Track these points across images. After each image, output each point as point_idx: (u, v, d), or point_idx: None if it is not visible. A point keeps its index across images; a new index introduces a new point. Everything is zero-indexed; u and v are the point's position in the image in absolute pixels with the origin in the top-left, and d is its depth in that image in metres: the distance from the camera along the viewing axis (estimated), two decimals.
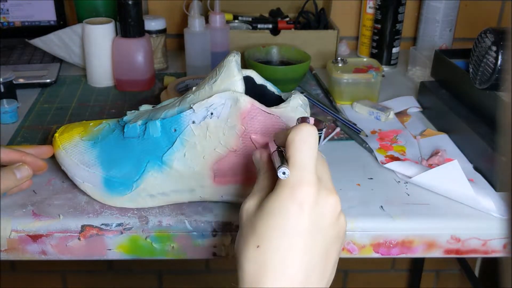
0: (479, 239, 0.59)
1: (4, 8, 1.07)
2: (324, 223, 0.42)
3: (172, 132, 0.56)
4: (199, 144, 0.55)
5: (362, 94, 0.88)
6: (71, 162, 0.60)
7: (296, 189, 0.41)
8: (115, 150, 0.59)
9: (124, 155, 0.58)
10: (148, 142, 0.57)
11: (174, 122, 0.56)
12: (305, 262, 0.41)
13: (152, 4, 1.13)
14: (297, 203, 0.41)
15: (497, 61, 0.65)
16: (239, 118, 0.53)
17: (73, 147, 0.61)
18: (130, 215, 0.58)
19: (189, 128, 0.55)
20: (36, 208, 0.59)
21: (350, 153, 0.73)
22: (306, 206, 0.41)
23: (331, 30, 1.04)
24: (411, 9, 1.14)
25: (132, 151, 0.58)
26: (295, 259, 0.40)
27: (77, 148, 0.61)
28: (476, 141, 0.69)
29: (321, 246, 0.42)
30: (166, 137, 0.56)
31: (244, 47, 1.00)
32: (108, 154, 0.59)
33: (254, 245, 0.41)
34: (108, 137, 0.60)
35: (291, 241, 0.40)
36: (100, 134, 0.61)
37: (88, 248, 0.58)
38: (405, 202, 0.62)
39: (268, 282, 0.40)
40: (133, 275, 1.44)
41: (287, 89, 0.93)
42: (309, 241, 0.41)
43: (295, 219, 0.41)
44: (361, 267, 1.46)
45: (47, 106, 0.86)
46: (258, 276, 0.40)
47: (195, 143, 0.55)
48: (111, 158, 0.59)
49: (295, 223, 0.41)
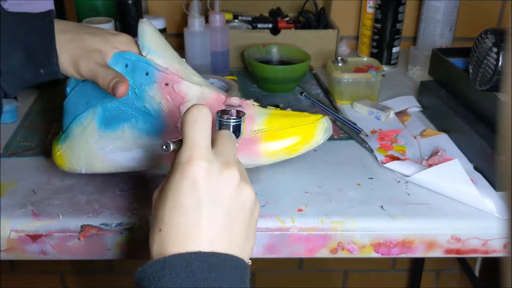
0: (479, 239, 0.59)
1: (4, 7, 1.07)
2: (222, 196, 0.42)
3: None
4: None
5: (362, 93, 0.88)
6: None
7: (186, 166, 0.41)
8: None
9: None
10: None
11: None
12: (207, 238, 0.40)
13: (152, 3, 1.13)
14: (189, 180, 0.41)
15: (498, 62, 0.65)
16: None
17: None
18: (130, 215, 0.58)
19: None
20: (35, 208, 0.59)
21: (350, 153, 0.73)
22: (199, 181, 0.41)
23: (331, 30, 1.04)
24: (411, 9, 1.14)
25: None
26: (196, 236, 0.40)
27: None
28: (476, 141, 0.69)
29: (223, 219, 0.41)
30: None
31: (244, 46, 1.00)
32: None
33: (157, 229, 0.41)
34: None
35: (189, 219, 0.40)
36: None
37: (88, 248, 0.58)
38: (405, 202, 0.62)
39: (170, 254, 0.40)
40: (133, 275, 1.44)
41: (287, 88, 0.93)
42: (207, 215, 0.41)
43: (189, 196, 0.41)
44: (361, 267, 1.46)
45: (47, 106, 0.85)
46: (161, 253, 0.40)
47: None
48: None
49: (190, 199, 0.41)
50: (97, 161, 0.62)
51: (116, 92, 0.56)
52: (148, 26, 0.61)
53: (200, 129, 0.43)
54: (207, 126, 0.44)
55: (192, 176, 0.41)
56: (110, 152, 0.61)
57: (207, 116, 0.44)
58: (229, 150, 0.45)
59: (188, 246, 0.40)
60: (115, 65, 0.59)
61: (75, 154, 0.62)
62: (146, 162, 0.62)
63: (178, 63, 0.62)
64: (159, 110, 0.61)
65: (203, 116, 0.44)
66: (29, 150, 0.72)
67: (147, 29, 0.61)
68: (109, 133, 0.61)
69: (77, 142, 0.62)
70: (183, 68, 0.62)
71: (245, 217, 0.43)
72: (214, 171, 0.42)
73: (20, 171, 0.66)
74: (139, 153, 0.62)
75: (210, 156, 0.42)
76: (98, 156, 0.61)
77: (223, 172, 0.42)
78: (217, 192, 0.42)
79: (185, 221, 0.40)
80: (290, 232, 0.58)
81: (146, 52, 0.60)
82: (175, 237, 0.40)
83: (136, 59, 0.60)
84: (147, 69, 0.60)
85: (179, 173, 0.41)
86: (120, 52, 0.60)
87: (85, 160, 0.61)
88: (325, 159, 0.71)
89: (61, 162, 0.62)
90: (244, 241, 0.43)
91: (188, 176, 0.41)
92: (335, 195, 0.63)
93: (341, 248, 0.59)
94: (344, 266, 1.45)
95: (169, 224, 0.41)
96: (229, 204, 0.42)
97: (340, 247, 0.59)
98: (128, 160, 0.62)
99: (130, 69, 0.60)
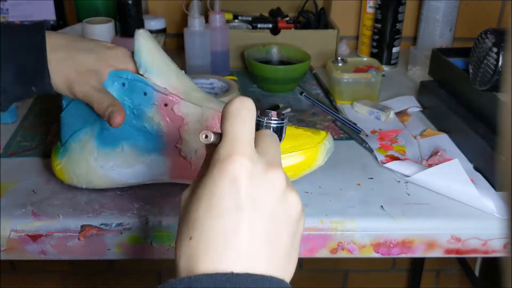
0: (479, 239, 0.59)
1: (4, 7, 1.07)
2: (265, 201, 0.35)
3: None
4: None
5: (362, 93, 0.88)
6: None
7: (226, 162, 0.35)
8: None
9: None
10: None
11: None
12: (245, 251, 0.34)
13: (152, 3, 1.13)
14: (229, 178, 0.35)
15: (498, 62, 0.65)
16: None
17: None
18: (130, 215, 0.58)
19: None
20: (35, 208, 0.59)
21: (350, 153, 0.73)
22: (240, 180, 0.35)
23: (331, 30, 1.04)
24: (411, 9, 1.14)
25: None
26: (233, 248, 0.34)
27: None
28: (476, 141, 0.69)
29: (264, 227, 0.35)
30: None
31: (244, 46, 1.00)
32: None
33: (187, 237, 0.35)
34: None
35: (225, 223, 0.34)
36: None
37: (88, 248, 0.58)
38: (406, 202, 0.62)
39: (200, 272, 0.34)
40: (133, 275, 1.44)
41: (287, 88, 0.93)
42: (247, 221, 0.34)
43: (227, 196, 0.35)
44: (361, 267, 1.46)
45: (47, 106, 0.85)
46: (190, 269, 0.34)
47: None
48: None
49: (228, 201, 0.34)
50: (98, 178, 0.61)
51: (112, 122, 0.54)
52: (145, 39, 0.58)
53: (243, 123, 0.37)
54: (250, 120, 0.38)
55: (233, 174, 0.35)
56: (110, 170, 0.61)
57: (251, 110, 0.38)
58: (273, 151, 0.39)
59: (223, 262, 0.34)
60: (112, 84, 0.57)
61: (75, 170, 0.61)
62: (147, 177, 0.62)
63: (177, 79, 0.59)
64: (158, 130, 0.60)
65: (247, 109, 0.38)
66: (29, 150, 0.72)
67: (144, 43, 0.58)
68: (108, 150, 0.60)
69: (76, 158, 0.61)
70: (182, 84, 0.60)
71: (290, 229, 0.37)
72: (258, 171, 0.36)
73: (20, 171, 0.66)
74: (140, 169, 0.61)
75: (253, 154, 0.36)
76: (98, 173, 0.61)
77: (268, 173, 0.36)
78: (260, 195, 0.35)
79: (220, 227, 0.34)
80: None
81: (143, 70, 0.58)
82: (208, 249, 0.34)
83: (133, 78, 0.58)
84: (145, 89, 0.58)
85: (217, 170, 0.35)
86: (116, 70, 0.57)
87: (85, 177, 0.61)
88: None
89: (62, 176, 0.62)
90: (287, 258, 0.37)
91: (228, 173, 0.35)
92: (335, 195, 0.63)
93: (341, 248, 0.59)
94: (344, 266, 1.45)
95: (202, 230, 0.34)
96: (273, 211, 0.36)
97: (340, 247, 0.59)
98: (129, 177, 0.61)
99: (127, 89, 0.58)
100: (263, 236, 0.35)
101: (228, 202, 0.35)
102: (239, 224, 0.34)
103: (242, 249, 0.34)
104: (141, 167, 0.61)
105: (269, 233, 0.35)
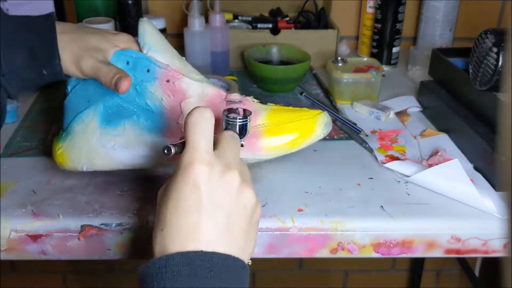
0: (479, 239, 0.59)
1: (4, 7, 1.07)
2: (223, 200, 0.43)
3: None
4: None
5: (362, 93, 0.88)
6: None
7: (188, 169, 0.42)
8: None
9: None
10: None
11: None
12: (206, 239, 0.41)
13: (152, 3, 1.13)
14: (190, 183, 0.42)
15: (498, 62, 0.65)
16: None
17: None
18: (130, 215, 0.58)
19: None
20: (35, 208, 0.59)
21: (350, 153, 0.73)
22: (200, 185, 0.42)
23: (331, 30, 1.04)
24: (411, 9, 1.14)
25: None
26: (196, 236, 0.41)
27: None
28: (476, 141, 0.69)
29: (222, 221, 0.42)
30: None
31: (244, 46, 1.00)
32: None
33: (160, 229, 0.42)
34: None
35: (190, 220, 0.41)
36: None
37: (88, 248, 0.58)
38: (405, 202, 0.62)
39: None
40: (133, 275, 1.44)
41: (287, 88, 0.93)
42: (207, 218, 0.41)
43: (190, 198, 0.42)
44: (361, 267, 1.46)
45: (47, 106, 0.85)
46: (163, 253, 0.41)
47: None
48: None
49: (191, 202, 0.42)
50: (98, 158, 0.62)
51: (119, 87, 0.57)
52: (148, 25, 0.62)
53: (202, 132, 0.44)
54: (209, 129, 0.44)
55: (193, 180, 0.42)
56: (111, 149, 0.61)
57: (209, 119, 0.44)
58: (231, 152, 0.46)
59: (189, 246, 0.41)
60: (116, 63, 0.60)
61: (76, 152, 0.62)
62: (147, 160, 0.62)
63: (178, 61, 0.63)
64: (160, 106, 0.61)
65: (205, 119, 0.44)
66: (29, 150, 0.72)
67: (147, 27, 0.61)
68: (110, 130, 0.61)
69: (78, 139, 0.62)
70: (183, 65, 0.63)
71: (245, 219, 0.44)
72: (215, 174, 0.42)
73: (20, 171, 0.66)
74: (141, 150, 0.62)
75: (211, 159, 0.43)
76: (99, 153, 0.61)
77: (224, 175, 0.43)
78: (217, 195, 0.42)
79: (185, 223, 0.41)
80: (290, 232, 0.58)
81: (146, 49, 0.61)
82: (176, 237, 0.41)
83: (137, 56, 0.61)
84: (148, 66, 0.61)
85: (180, 176, 0.42)
86: (121, 50, 0.60)
87: (86, 157, 0.62)
88: (325, 159, 0.71)
89: (62, 160, 0.62)
90: (245, 242, 0.44)
91: (189, 179, 0.42)
92: (335, 195, 0.63)
93: (341, 248, 0.59)
94: (344, 266, 1.45)
95: (171, 225, 0.42)
96: (230, 207, 0.43)
97: (340, 247, 0.59)
98: (130, 158, 0.62)
99: (131, 66, 0.61)
100: (221, 228, 0.42)
101: (191, 203, 0.42)
102: (200, 221, 0.41)
103: (202, 239, 0.41)
104: (142, 148, 0.62)
105: (227, 225, 0.42)
